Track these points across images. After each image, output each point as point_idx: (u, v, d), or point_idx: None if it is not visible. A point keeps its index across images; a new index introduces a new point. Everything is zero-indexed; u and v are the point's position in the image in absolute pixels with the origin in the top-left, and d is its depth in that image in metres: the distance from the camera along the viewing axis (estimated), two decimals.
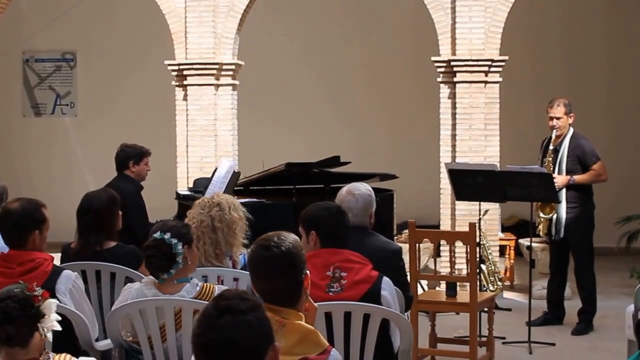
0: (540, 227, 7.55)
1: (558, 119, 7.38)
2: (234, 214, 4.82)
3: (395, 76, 12.00)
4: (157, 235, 4.03)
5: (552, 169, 7.36)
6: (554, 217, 7.40)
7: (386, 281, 4.04)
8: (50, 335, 3.21)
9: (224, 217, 4.76)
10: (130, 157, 7.28)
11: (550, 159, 7.40)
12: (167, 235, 4.02)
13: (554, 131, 7.40)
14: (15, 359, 3.07)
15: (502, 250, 9.49)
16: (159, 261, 4.00)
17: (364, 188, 4.61)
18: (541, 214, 7.48)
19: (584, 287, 7.58)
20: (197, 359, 2.25)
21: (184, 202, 7.33)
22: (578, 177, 7.36)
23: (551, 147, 7.43)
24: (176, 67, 9.49)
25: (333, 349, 2.89)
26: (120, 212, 5.17)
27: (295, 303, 2.97)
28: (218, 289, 4.08)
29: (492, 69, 8.89)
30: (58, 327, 3.22)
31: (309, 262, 3.16)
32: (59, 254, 4.98)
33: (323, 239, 4.04)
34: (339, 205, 4.28)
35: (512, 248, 9.62)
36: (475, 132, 8.87)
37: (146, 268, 4.14)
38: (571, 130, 7.45)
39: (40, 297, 3.14)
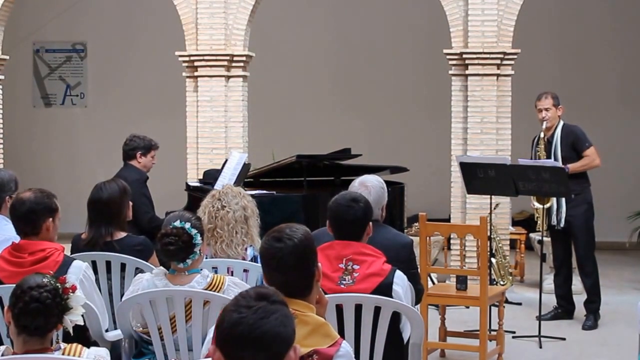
0: (539, 221, 7.54)
1: (547, 109, 7.48)
2: (253, 206, 4.92)
3: (407, 69, 11.97)
4: (177, 223, 4.01)
5: (545, 158, 7.41)
6: (554, 206, 7.42)
7: (399, 275, 4.01)
8: (71, 329, 3.18)
9: (254, 208, 4.89)
10: (138, 147, 7.29)
11: (542, 146, 7.47)
12: (188, 225, 4.01)
13: (545, 123, 7.49)
14: (29, 349, 3.04)
15: (513, 244, 9.46)
16: (177, 250, 3.98)
17: (376, 180, 4.59)
18: (536, 204, 7.47)
19: (588, 276, 7.59)
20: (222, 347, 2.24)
21: (194, 194, 7.33)
22: (572, 166, 7.38)
23: (542, 135, 7.51)
24: (187, 58, 9.46)
25: (344, 341, 2.88)
26: (131, 203, 5.17)
27: (306, 295, 2.96)
28: (228, 280, 4.07)
29: (505, 62, 8.83)
30: (81, 322, 3.19)
31: (322, 253, 3.15)
32: (69, 245, 4.98)
33: (336, 231, 4.04)
34: (357, 196, 4.16)
35: (523, 242, 9.60)
36: (487, 126, 8.82)
37: (162, 255, 4.11)
38: (561, 122, 7.54)
39: (70, 289, 3.11)
